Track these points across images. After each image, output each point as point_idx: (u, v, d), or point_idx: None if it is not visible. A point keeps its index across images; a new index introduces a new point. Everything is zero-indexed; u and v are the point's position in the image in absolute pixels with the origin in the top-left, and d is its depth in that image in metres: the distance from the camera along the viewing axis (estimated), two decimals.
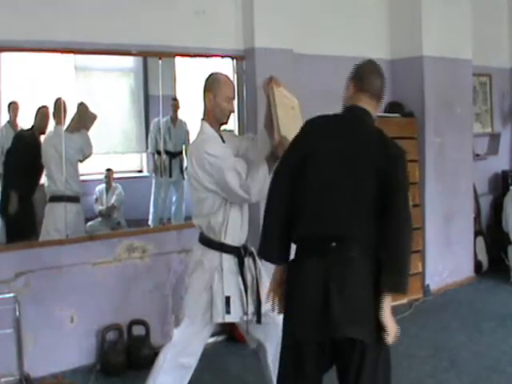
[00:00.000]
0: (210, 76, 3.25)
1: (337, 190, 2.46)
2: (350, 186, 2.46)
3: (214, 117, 3.18)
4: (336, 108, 2.72)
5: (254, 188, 3.00)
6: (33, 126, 4.44)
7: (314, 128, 2.64)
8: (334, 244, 2.40)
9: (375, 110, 2.68)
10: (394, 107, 5.78)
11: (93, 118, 4.61)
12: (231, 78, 3.37)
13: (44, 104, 4.39)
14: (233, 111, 3.26)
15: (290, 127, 3.02)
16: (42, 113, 4.41)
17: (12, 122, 4.42)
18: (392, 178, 2.45)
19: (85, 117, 4.57)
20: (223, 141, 3.20)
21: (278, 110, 3.13)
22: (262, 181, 2.99)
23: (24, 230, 4.40)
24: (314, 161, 2.51)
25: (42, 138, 4.48)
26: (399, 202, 2.50)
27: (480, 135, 6.80)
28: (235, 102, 4.59)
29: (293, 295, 2.51)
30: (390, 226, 2.44)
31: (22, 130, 4.46)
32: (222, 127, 3.27)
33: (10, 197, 4.34)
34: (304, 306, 2.43)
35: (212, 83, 3.20)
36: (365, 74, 2.71)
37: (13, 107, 4.38)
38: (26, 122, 4.42)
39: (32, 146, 4.46)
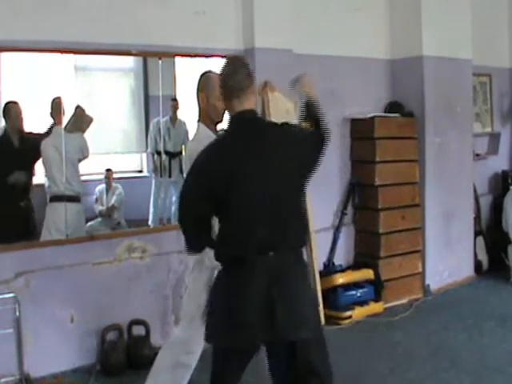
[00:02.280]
0: (201, 76, 3.25)
1: (264, 206, 2.44)
2: (277, 195, 2.46)
3: (208, 117, 3.19)
4: (336, 108, 2.73)
5: None
6: (6, 129, 4.28)
7: (215, 164, 2.50)
8: (271, 253, 2.44)
9: (254, 101, 2.60)
10: (393, 107, 5.79)
11: (89, 120, 4.60)
12: None
13: (12, 100, 4.20)
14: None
15: None
16: (10, 109, 4.22)
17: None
18: (308, 145, 2.59)
19: (81, 120, 4.55)
20: None
21: (271, 115, 3.15)
22: None
23: (14, 231, 4.33)
24: (231, 191, 2.44)
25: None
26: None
27: (480, 135, 6.80)
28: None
29: (231, 303, 2.48)
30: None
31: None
32: (219, 127, 3.28)
33: None
34: (245, 314, 2.42)
35: (204, 83, 3.21)
36: (226, 83, 2.56)
37: None
38: (26, 122, 4.41)
39: (7, 151, 4.32)
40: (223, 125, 3.33)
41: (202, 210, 2.51)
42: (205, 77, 3.23)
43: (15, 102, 4.23)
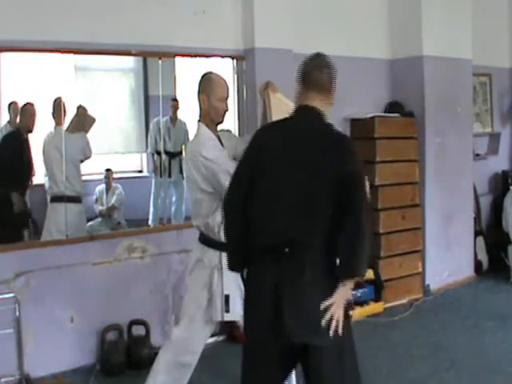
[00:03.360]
0: (202, 77, 3.25)
1: (290, 198, 2.44)
2: (304, 193, 2.43)
3: (209, 118, 3.19)
4: (336, 108, 2.72)
5: None
6: (19, 126, 4.35)
7: (263, 140, 2.59)
8: (286, 250, 2.39)
9: (327, 105, 2.59)
10: (394, 107, 5.79)
11: (91, 121, 4.61)
12: (231, 78, 3.38)
13: (29, 101, 4.30)
14: (227, 110, 3.26)
15: None
16: (26, 110, 4.32)
17: (12, 122, 4.41)
18: (347, 177, 2.39)
19: (84, 119, 4.56)
20: (220, 141, 3.21)
21: (273, 117, 3.15)
22: None
23: (15, 230, 4.35)
24: (265, 172, 2.49)
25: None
26: (356, 200, 2.40)
27: (480, 135, 6.80)
28: (235, 103, 4.61)
29: (248, 299, 2.53)
30: (348, 223, 2.38)
31: (9, 133, 4.35)
32: (220, 127, 3.28)
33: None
34: (257, 311, 2.44)
35: (205, 84, 3.21)
36: (309, 71, 2.58)
37: (13, 107, 4.37)
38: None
39: (18, 146, 4.37)
40: (224, 125, 3.35)
41: (242, 189, 2.54)
42: (206, 78, 3.24)
43: (30, 103, 4.32)
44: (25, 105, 4.32)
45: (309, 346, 2.39)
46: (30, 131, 4.38)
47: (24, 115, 4.34)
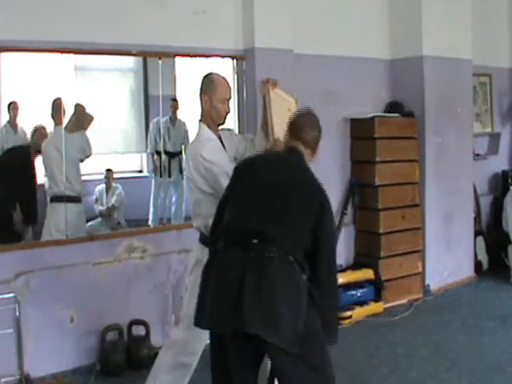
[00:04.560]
0: (205, 77, 3.25)
1: (265, 194, 2.58)
2: (281, 195, 2.57)
3: (210, 118, 3.19)
4: (336, 108, 2.73)
5: None
6: (29, 144, 4.42)
7: (255, 163, 2.79)
8: (255, 241, 2.43)
9: (309, 157, 2.81)
10: (393, 107, 5.79)
11: (90, 119, 4.61)
12: (231, 78, 3.38)
13: (42, 125, 4.42)
14: (229, 112, 3.25)
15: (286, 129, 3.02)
16: (39, 133, 4.41)
17: (12, 122, 4.42)
18: (320, 225, 2.56)
19: (82, 118, 4.56)
20: (221, 141, 3.21)
21: (272, 113, 3.15)
22: None
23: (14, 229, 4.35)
24: (243, 181, 2.69)
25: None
26: (327, 253, 2.60)
27: (480, 135, 6.80)
28: (235, 102, 4.60)
29: (208, 283, 2.51)
30: (319, 273, 2.56)
31: (16, 147, 4.41)
32: (221, 126, 3.28)
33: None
34: (217, 296, 2.44)
35: (207, 85, 3.20)
36: (300, 125, 2.80)
37: (13, 107, 4.37)
38: (26, 122, 4.41)
39: (25, 163, 4.42)
40: (224, 125, 3.34)
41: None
42: (208, 78, 3.23)
43: (43, 127, 4.43)
44: (38, 128, 4.41)
45: (269, 344, 2.37)
46: (39, 152, 4.42)
47: (36, 136, 4.42)
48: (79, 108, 4.54)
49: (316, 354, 2.49)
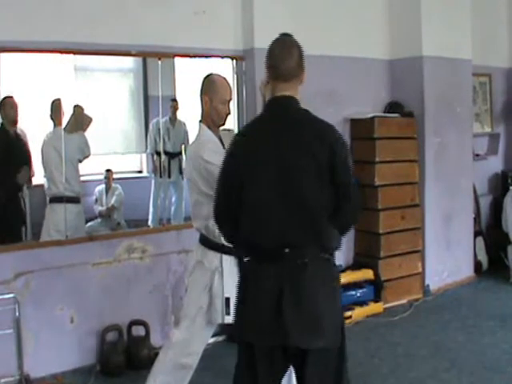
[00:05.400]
0: (206, 78, 3.24)
1: (283, 200, 2.35)
2: (296, 192, 2.35)
3: (210, 119, 3.19)
4: (335, 108, 2.72)
5: None
6: (2, 122, 4.30)
7: (243, 144, 2.50)
8: (286, 250, 2.33)
9: (296, 91, 2.51)
10: (393, 107, 5.79)
11: (88, 120, 4.60)
12: (231, 79, 3.37)
13: (8, 95, 4.24)
14: (229, 113, 3.25)
15: None
16: (7, 103, 4.25)
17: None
18: (335, 160, 2.41)
19: (81, 119, 4.56)
20: (222, 142, 3.21)
21: None
22: None
23: (11, 229, 4.33)
24: (253, 179, 2.40)
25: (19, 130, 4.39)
26: (346, 178, 2.52)
27: (480, 135, 6.81)
28: (235, 103, 4.60)
29: (246, 298, 2.45)
30: (341, 205, 2.41)
31: None
32: (222, 127, 3.28)
33: None
34: (257, 310, 2.37)
35: (208, 86, 3.20)
36: (273, 60, 2.56)
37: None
38: (26, 122, 4.41)
39: (4, 140, 4.30)
40: (225, 126, 3.34)
41: (232, 197, 2.46)
42: (209, 79, 3.23)
43: (10, 97, 4.24)
44: (4, 98, 4.25)
45: (308, 350, 2.34)
46: (15, 123, 4.31)
47: (5, 109, 4.26)
48: (78, 109, 4.54)
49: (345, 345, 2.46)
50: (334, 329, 2.35)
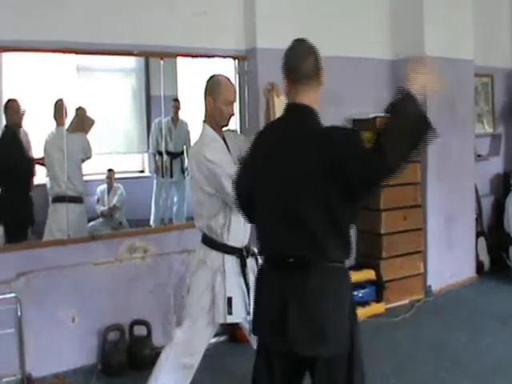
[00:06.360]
0: (210, 78, 3.24)
1: (284, 216, 2.32)
2: (294, 209, 2.30)
3: (214, 120, 3.19)
4: (337, 108, 2.72)
5: None
6: (7, 125, 4.29)
7: (258, 148, 2.49)
8: (291, 260, 2.31)
9: (316, 96, 2.49)
10: None
11: (91, 122, 4.61)
12: (233, 79, 3.37)
13: (12, 98, 4.25)
14: (233, 114, 3.25)
15: None
16: (11, 107, 4.27)
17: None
18: (349, 166, 2.19)
19: (83, 121, 4.57)
20: (225, 142, 3.21)
21: (276, 117, 3.16)
22: None
23: (19, 229, 4.35)
24: (260, 189, 2.40)
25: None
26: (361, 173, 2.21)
27: (482, 136, 6.80)
28: (237, 103, 4.59)
29: (257, 302, 2.47)
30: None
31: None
32: (225, 128, 3.28)
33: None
34: (265, 316, 2.39)
35: (212, 86, 3.20)
36: (292, 62, 2.47)
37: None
38: (28, 122, 4.41)
39: (12, 144, 4.33)
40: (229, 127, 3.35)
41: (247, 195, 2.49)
42: (213, 80, 3.23)
43: (13, 100, 4.25)
44: (8, 101, 4.27)
45: (316, 358, 2.32)
46: (20, 127, 4.34)
47: (10, 113, 4.28)
48: (81, 111, 4.55)
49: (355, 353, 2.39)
50: (340, 336, 2.30)
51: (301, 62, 2.47)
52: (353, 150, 2.23)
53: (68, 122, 4.44)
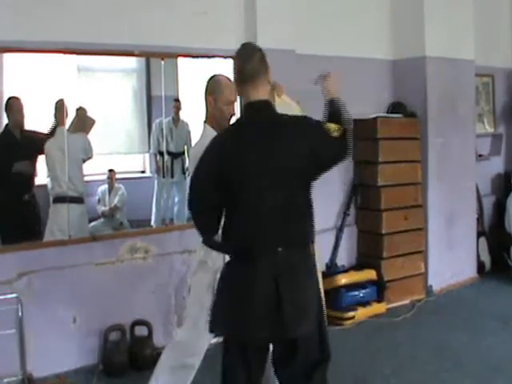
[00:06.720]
0: (211, 78, 3.24)
1: (274, 204, 2.42)
2: (285, 196, 2.44)
3: (214, 120, 3.19)
4: None
5: None
6: (7, 124, 4.27)
7: (227, 146, 2.51)
8: (279, 249, 2.41)
9: (266, 91, 2.63)
10: (396, 107, 5.79)
11: (91, 122, 4.61)
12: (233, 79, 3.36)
13: (14, 95, 4.21)
14: (234, 114, 3.25)
15: None
16: (13, 106, 4.23)
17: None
18: (324, 148, 2.55)
19: (84, 121, 4.56)
20: None
21: None
22: None
23: (19, 230, 4.33)
24: (243, 181, 2.44)
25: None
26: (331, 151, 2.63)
27: (483, 135, 6.80)
28: (237, 103, 4.59)
29: (238, 295, 2.46)
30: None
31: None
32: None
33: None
34: (253, 307, 2.40)
35: (213, 86, 3.20)
36: (237, 64, 2.62)
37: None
38: (29, 122, 4.41)
39: (10, 143, 4.29)
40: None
41: (212, 199, 2.51)
42: (214, 80, 3.23)
43: (17, 98, 4.23)
44: (10, 99, 4.23)
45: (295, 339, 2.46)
46: (22, 127, 4.31)
47: (12, 112, 4.24)
48: (81, 112, 4.54)
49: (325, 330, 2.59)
50: (315, 316, 2.48)
51: (246, 63, 2.61)
52: (324, 135, 2.57)
53: (69, 122, 4.44)
